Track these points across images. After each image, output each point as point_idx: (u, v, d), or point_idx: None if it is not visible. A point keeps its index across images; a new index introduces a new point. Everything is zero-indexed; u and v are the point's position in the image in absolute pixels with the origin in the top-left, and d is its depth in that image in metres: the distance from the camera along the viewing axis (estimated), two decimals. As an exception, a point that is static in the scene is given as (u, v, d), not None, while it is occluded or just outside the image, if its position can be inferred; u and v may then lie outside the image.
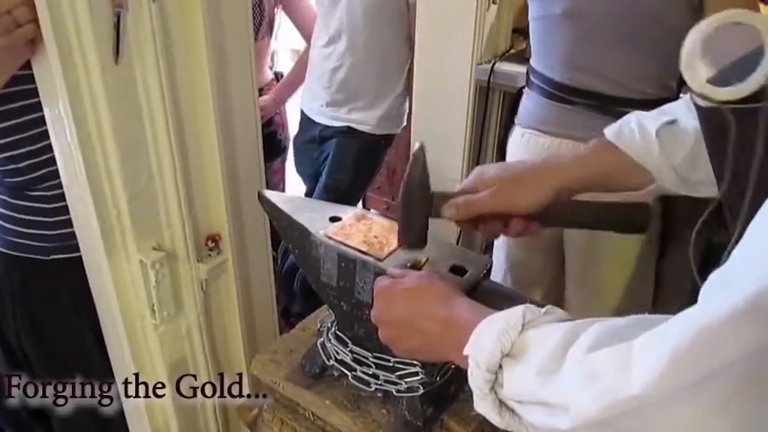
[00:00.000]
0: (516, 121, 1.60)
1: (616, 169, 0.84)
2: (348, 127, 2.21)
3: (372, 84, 2.16)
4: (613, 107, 1.36)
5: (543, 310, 0.59)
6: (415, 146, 0.82)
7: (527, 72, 1.59)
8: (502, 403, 0.58)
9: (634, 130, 0.82)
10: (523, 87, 1.63)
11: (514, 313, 0.58)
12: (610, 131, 0.85)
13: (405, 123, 2.31)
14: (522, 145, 1.56)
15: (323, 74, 2.20)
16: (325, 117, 2.25)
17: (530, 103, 1.57)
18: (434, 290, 0.72)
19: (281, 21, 2.33)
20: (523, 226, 0.83)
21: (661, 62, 1.37)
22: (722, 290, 0.44)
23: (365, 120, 2.19)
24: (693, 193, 0.83)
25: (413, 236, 0.84)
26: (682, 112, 0.82)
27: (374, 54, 2.11)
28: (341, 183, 2.21)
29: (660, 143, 0.80)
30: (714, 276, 0.46)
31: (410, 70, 2.19)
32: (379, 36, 2.09)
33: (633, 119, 0.84)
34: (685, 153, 0.80)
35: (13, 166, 1.17)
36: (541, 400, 0.53)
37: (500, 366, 0.57)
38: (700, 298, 0.46)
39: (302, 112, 2.36)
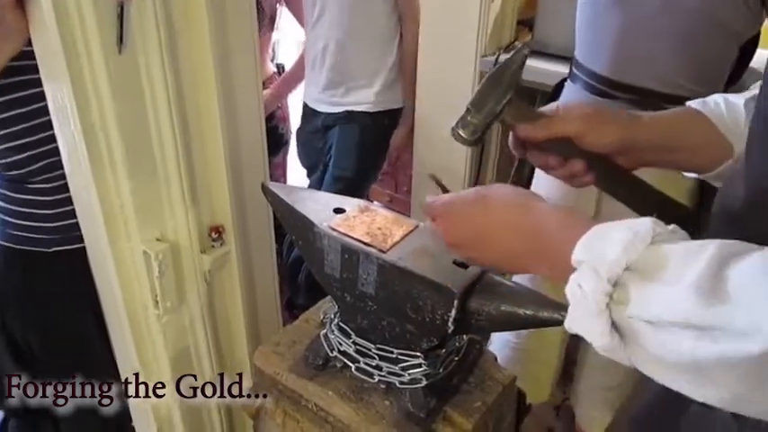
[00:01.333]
0: None
1: (695, 136, 0.80)
2: (347, 112, 2.18)
3: (363, 57, 2.12)
4: (656, 103, 1.34)
5: (670, 227, 0.52)
6: (520, 45, 0.81)
7: (570, 64, 1.56)
8: (614, 324, 0.51)
9: (720, 103, 0.80)
10: (564, 80, 1.60)
11: (641, 224, 0.51)
12: (694, 102, 0.83)
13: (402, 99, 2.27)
14: None
15: (315, 56, 2.18)
16: (325, 104, 2.23)
17: (571, 95, 1.53)
18: (502, 197, 0.67)
19: (282, 12, 2.33)
20: (582, 169, 0.80)
21: (710, 59, 1.33)
22: None
23: (363, 99, 2.16)
24: None
25: (472, 124, 0.80)
26: None
27: (360, 26, 2.07)
28: (347, 171, 2.19)
29: (747, 113, 0.77)
30: None
31: (401, 43, 2.16)
32: (362, 6, 2.05)
33: (718, 95, 0.82)
34: None
35: (14, 158, 1.17)
36: (701, 323, 0.45)
37: (615, 284, 0.50)
38: None
39: (304, 104, 2.35)
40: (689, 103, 0.84)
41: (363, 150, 2.20)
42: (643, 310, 0.48)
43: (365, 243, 0.87)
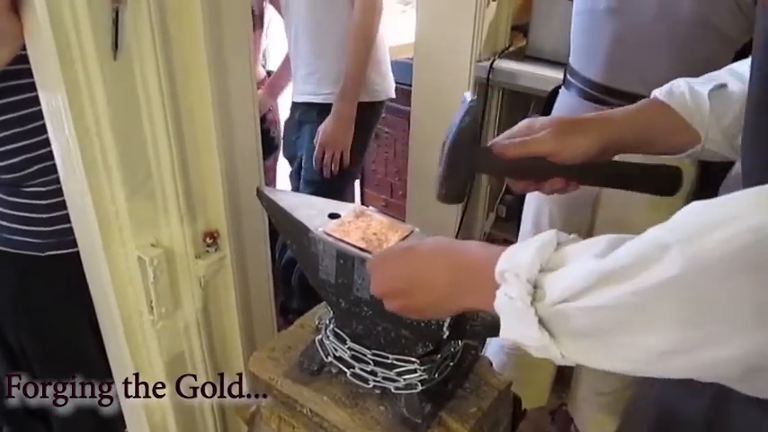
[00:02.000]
0: None
1: (664, 127, 0.85)
2: (320, 107, 2.11)
3: (327, 47, 2.06)
4: None
5: (572, 235, 0.58)
6: (466, 98, 0.83)
7: (564, 71, 1.57)
8: (541, 320, 0.55)
9: (684, 92, 0.85)
10: (559, 87, 1.60)
11: (547, 235, 0.57)
12: (660, 92, 0.87)
13: (376, 93, 2.14)
14: None
15: (289, 46, 2.16)
16: (299, 95, 2.18)
17: (565, 102, 1.54)
18: (429, 244, 0.70)
19: (272, 18, 2.33)
20: (562, 184, 0.84)
21: (704, 66, 1.34)
22: None
23: (331, 90, 2.07)
24: (736, 156, 0.85)
25: (453, 188, 0.83)
26: (727, 77, 0.86)
27: (321, 13, 2.03)
28: (316, 174, 2.13)
29: (711, 103, 0.83)
30: None
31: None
32: None
33: (682, 82, 0.86)
34: (734, 115, 0.82)
35: (9, 162, 1.17)
36: (611, 270, 0.49)
37: (534, 286, 0.55)
38: None
39: (292, 101, 2.33)
40: (654, 92, 0.88)
41: None
42: (557, 292, 0.52)
43: (360, 248, 0.87)
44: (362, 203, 3.06)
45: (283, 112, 2.46)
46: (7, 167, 1.18)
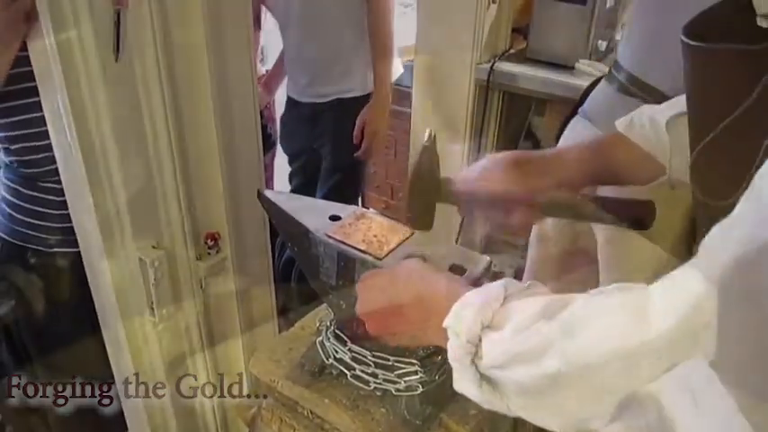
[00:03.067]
0: (579, 109, 1.57)
1: (625, 162, 0.84)
2: (338, 100, 2.15)
3: (337, 44, 2.10)
4: None
5: (526, 284, 0.59)
6: (425, 135, 0.84)
7: (610, 66, 1.56)
8: (483, 377, 0.57)
9: (644, 123, 0.84)
10: (597, 81, 1.59)
11: (495, 286, 0.58)
12: (621, 124, 0.86)
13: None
14: (572, 133, 1.53)
15: (292, 57, 2.17)
16: (309, 97, 2.20)
17: (598, 91, 1.53)
18: (410, 271, 0.71)
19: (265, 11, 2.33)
20: (526, 215, 0.85)
21: None
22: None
23: (348, 86, 2.14)
24: None
25: (420, 217, 0.86)
26: None
27: (326, 15, 2.06)
28: (346, 158, 2.18)
29: (670, 134, 0.81)
30: (717, 230, 0.45)
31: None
32: None
33: (646, 110, 0.85)
34: None
35: (30, 158, 1.19)
36: (518, 352, 0.52)
37: (479, 340, 0.56)
38: (704, 249, 0.46)
39: (288, 97, 2.32)
40: (617, 122, 0.87)
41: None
42: (488, 360, 0.55)
43: (361, 250, 0.87)
44: (363, 205, 3.05)
45: (278, 110, 2.46)
46: (29, 162, 1.20)
